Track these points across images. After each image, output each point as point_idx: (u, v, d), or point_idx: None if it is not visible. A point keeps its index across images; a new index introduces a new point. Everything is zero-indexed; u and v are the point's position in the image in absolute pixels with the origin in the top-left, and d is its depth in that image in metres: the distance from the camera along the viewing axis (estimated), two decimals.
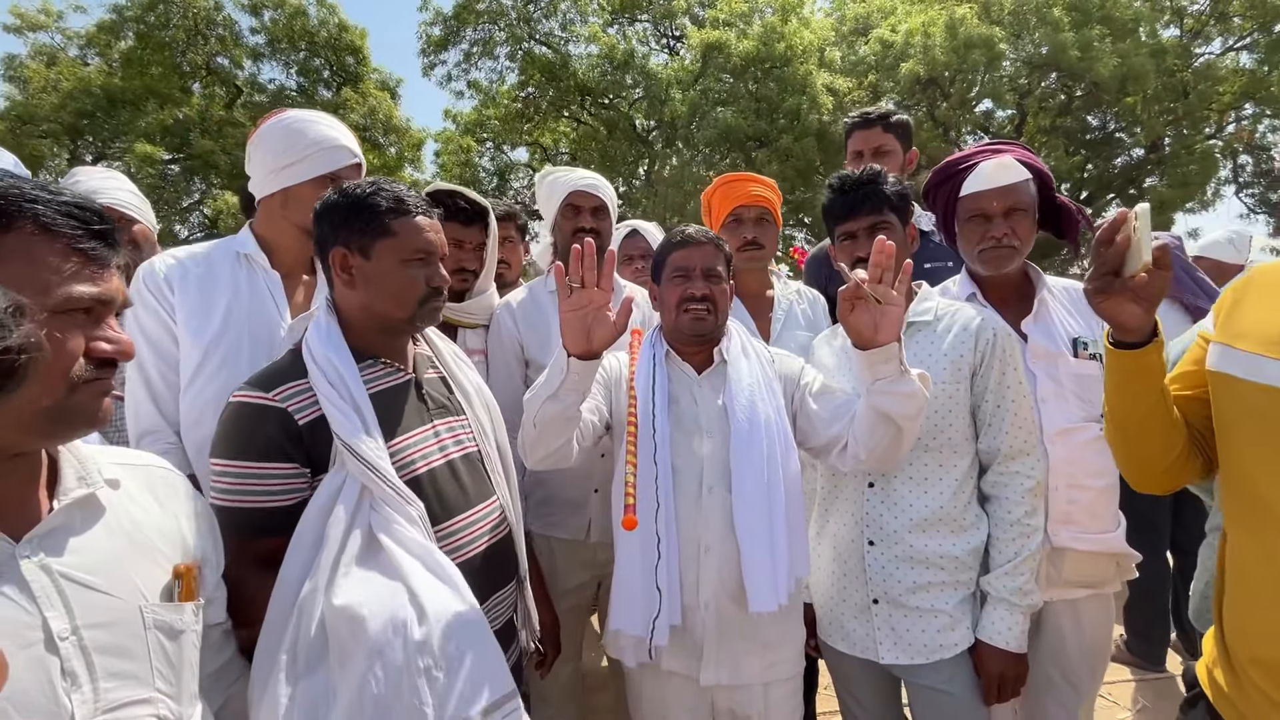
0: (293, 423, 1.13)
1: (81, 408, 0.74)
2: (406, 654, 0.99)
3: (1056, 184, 1.70)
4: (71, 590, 0.73)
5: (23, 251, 0.69)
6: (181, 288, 1.50)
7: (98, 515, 0.80)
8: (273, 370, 1.20)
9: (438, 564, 1.10)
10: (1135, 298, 0.98)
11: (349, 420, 1.13)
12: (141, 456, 0.95)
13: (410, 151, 16.70)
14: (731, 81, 13.75)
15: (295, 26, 14.78)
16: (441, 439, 1.28)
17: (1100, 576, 1.56)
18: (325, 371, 1.16)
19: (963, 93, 13.52)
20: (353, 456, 1.11)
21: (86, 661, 0.71)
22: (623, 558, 1.43)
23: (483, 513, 1.30)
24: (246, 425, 1.13)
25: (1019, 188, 1.56)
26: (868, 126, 2.36)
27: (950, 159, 1.72)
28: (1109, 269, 0.99)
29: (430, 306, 1.28)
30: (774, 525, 1.37)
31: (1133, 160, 14.88)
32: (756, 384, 1.46)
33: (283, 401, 1.14)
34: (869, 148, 2.33)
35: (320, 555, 1.06)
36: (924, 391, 1.28)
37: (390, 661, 0.98)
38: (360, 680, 0.97)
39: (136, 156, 12.85)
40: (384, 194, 1.25)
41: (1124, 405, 1.05)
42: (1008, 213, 1.56)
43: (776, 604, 1.34)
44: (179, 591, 0.84)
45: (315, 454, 1.15)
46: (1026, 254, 1.62)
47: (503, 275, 2.38)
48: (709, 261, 1.48)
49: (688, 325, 1.47)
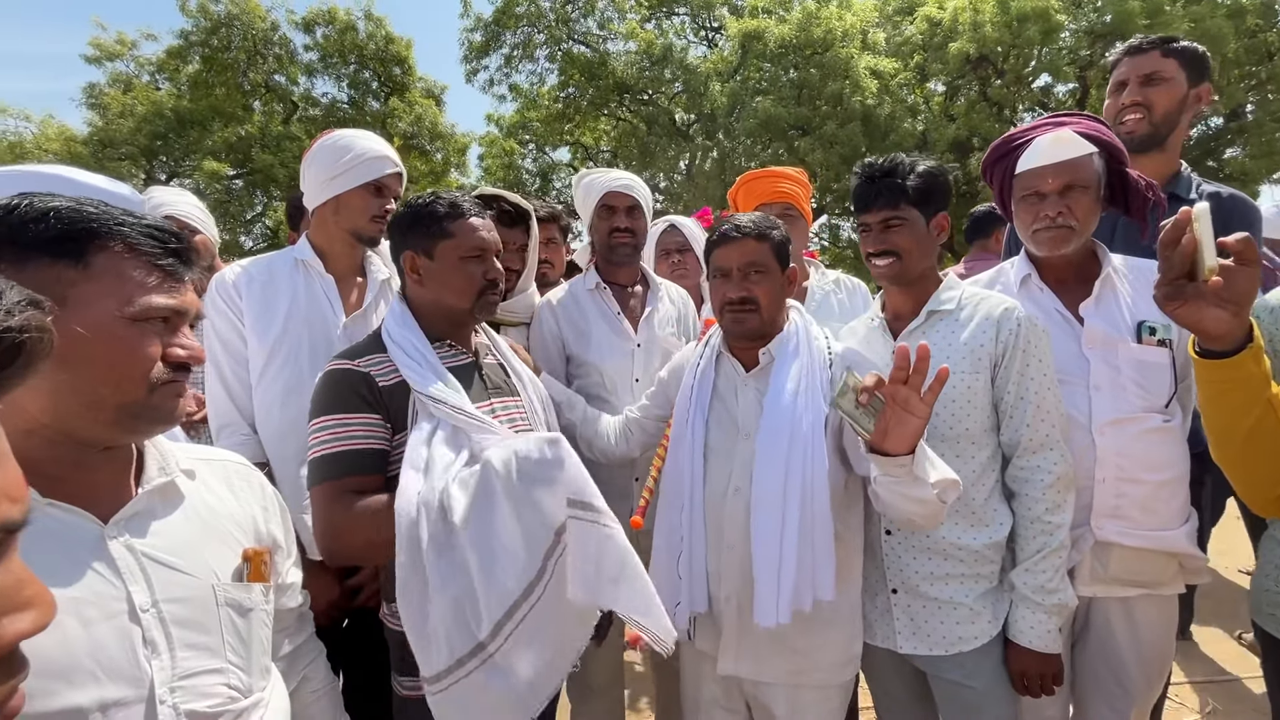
0: (375, 383, 1.28)
1: (159, 407, 0.82)
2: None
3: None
4: (152, 568, 0.81)
5: (112, 269, 0.78)
6: (248, 293, 1.67)
7: (177, 503, 0.89)
8: (355, 347, 1.37)
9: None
10: (1218, 301, 0.88)
11: (426, 377, 1.28)
12: (219, 453, 1.05)
13: (456, 157, 17.13)
14: (771, 69, 13.54)
15: (345, 41, 15.37)
16: (496, 416, 1.39)
17: (1155, 576, 1.47)
18: (403, 346, 1.33)
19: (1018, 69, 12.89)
20: (435, 403, 1.25)
21: (165, 632, 0.79)
22: (655, 543, 1.47)
23: None
24: (336, 386, 1.29)
25: (1078, 163, 1.47)
26: (1141, 52, 1.91)
27: (1008, 134, 1.64)
28: (1178, 273, 0.91)
29: (487, 298, 1.42)
30: (785, 537, 1.31)
31: (1210, 130, 13.85)
32: (799, 388, 1.39)
33: (365, 368, 1.30)
34: (1137, 74, 1.88)
35: (434, 469, 1.19)
36: (939, 500, 1.16)
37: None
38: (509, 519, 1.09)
39: (204, 174, 13.67)
40: (441, 201, 1.40)
41: (1222, 421, 0.95)
42: (1064, 190, 1.47)
43: (775, 621, 1.29)
44: (248, 573, 0.91)
45: (394, 411, 1.29)
46: (1087, 234, 1.52)
47: (545, 275, 2.43)
48: (748, 258, 1.43)
49: (730, 327, 1.47)
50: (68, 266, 0.75)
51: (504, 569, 1.08)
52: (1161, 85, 1.88)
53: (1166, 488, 1.46)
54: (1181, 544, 1.46)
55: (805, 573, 1.32)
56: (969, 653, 1.42)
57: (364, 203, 1.70)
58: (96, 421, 0.78)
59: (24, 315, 0.42)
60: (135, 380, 0.78)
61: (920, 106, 13.61)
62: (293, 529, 1.10)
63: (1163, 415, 1.46)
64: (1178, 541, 1.46)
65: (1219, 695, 2.56)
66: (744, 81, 13.51)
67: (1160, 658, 1.52)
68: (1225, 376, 0.91)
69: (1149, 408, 1.45)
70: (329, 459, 1.23)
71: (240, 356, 1.67)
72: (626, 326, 2.04)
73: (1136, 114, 1.88)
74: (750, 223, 1.46)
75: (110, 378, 0.77)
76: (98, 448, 0.81)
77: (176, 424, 0.87)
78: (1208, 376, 0.94)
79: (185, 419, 0.97)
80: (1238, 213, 1.81)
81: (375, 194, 1.71)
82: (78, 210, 0.76)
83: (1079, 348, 1.51)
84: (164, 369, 0.81)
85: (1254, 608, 1.39)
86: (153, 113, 14.25)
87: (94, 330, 0.75)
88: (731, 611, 1.43)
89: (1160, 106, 1.87)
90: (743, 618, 1.41)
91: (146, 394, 0.79)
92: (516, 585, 1.08)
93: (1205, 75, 1.91)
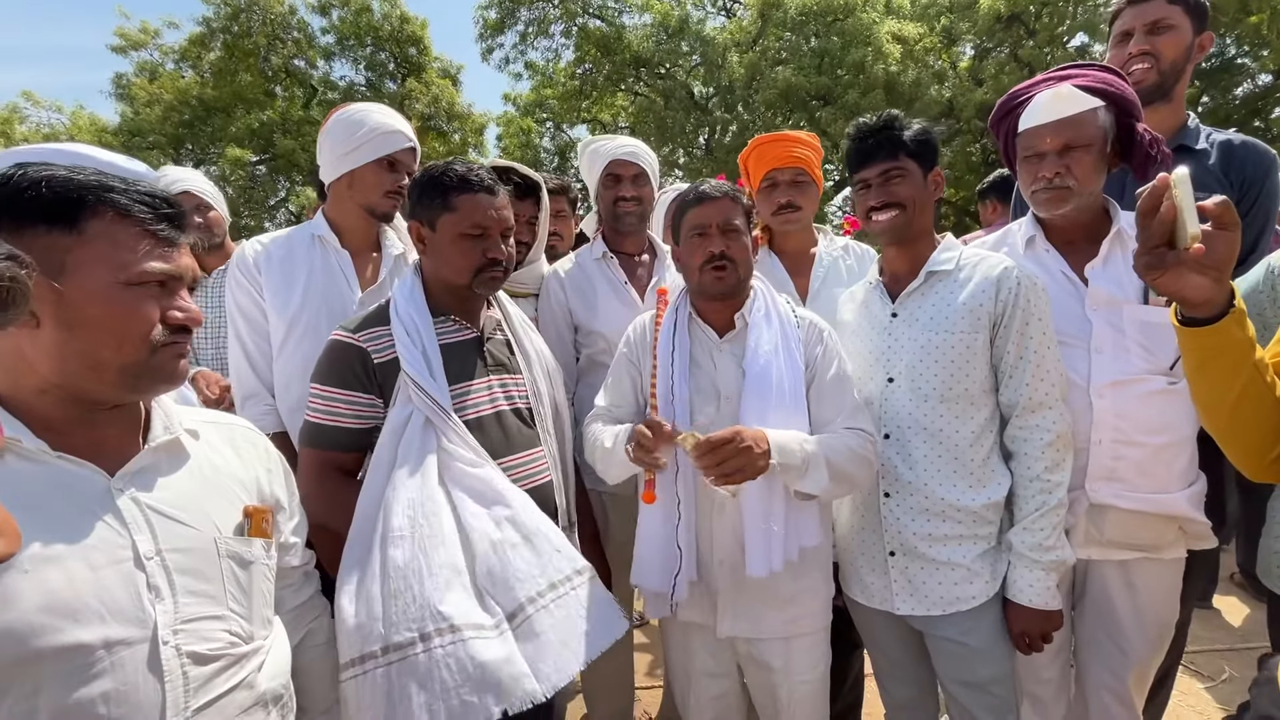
0: (370, 360, 1.34)
1: (161, 367, 0.86)
2: (498, 529, 1.26)
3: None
4: (157, 520, 0.85)
5: (105, 234, 0.81)
6: (267, 269, 1.72)
7: (182, 460, 0.94)
8: (364, 316, 1.41)
9: (494, 473, 1.32)
10: (1199, 267, 0.86)
11: (418, 363, 1.32)
12: (226, 416, 1.09)
13: (473, 137, 17.11)
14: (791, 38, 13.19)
15: (361, 23, 15.37)
16: (494, 392, 1.42)
17: (1152, 539, 1.45)
18: (404, 322, 1.36)
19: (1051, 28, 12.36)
20: (416, 390, 1.30)
21: (169, 579, 0.84)
22: (644, 516, 1.48)
23: (524, 460, 1.42)
24: (334, 359, 1.36)
25: (1079, 119, 1.42)
26: (1144, 0, 1.84)
27: (1012, 90, 1.59)
28: (1157, 241, 0.88)
29: (486, 276, 1.42)
30: (773, 492, 1.37)
31: (1258, 88, 13.13)
32: (775, 351, 1.45)
33: (365, 341, 1.35)
34: (1143, 23, 1.84)
35: (397, 471, 1.26)
36: (819, 489, 1.35)
37: (482, 533, 1.23)
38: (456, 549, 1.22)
39: (229, 160, 13.90)
40: (451, 173, 1.40)
41: (1208, 389, 0.94)
42: (1063, 150, 1.43)
43: (768, 570, 1.36)
44: (249, 529, 0.96)
45: (387, 387, 1.35)
46: (1088, 193, 1.46)
47: (555, 247, 2.45)
48: (726, 216, 1.46)
49: (710, 284, 1.47)
50: (63, 233, 0.78)
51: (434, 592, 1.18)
52: (1168, 33, 1.81)
53: (1168, 450, 1.43)
54: (1181, 507, 1.43)
55: (793, 524, 1.39)
56: (965, 612, 1.43)
57: (377, 178, 1.71)
58: (101, 382, 0.82)
59: (3, 265, 0.44)
60: (135, 343, 0.83)
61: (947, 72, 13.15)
62: (296, 492, 1.14)
63: (1167, 377, 1.42)
64: (1177, 505, 1.43)
65: (1236, 662, 2.53)
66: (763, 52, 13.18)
67: (1159, 623, 1.50)
68: (1209, 344, 0.90)
69: (1153, 369, 1.42)
70: (314, 427, 1.36)
71: (261, 329, 1.72)
72: (633, 295, 2.05)
73: (1144, 63, 1.80)
74: (723, 187, 1.52)
75: (110, 341, 0.81)
76: (105, 406, 0.86)
77: (180, 384, 0.91)
78: (1191, 344, 0.92)
79: (214, 405, 1.02)
80: (1251, 160, 1.74)
81: (389, 169, 1.72)
82: (70, 178, 0.80)
83: (1082, 309, 1.48)
84: (164, 331, 0.85)
85: (1262, 569, 1.37)
86: (179, 100, 14.50)
87: (92, 295, 0.79)
88: (725, 574, 1.45)
89: (1168, 55, 1.80)
90: (735, 576, 1.44)
91: (148, 355, 0.84)
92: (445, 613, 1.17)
93: (1206, 22, 1.85)
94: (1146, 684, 1.58)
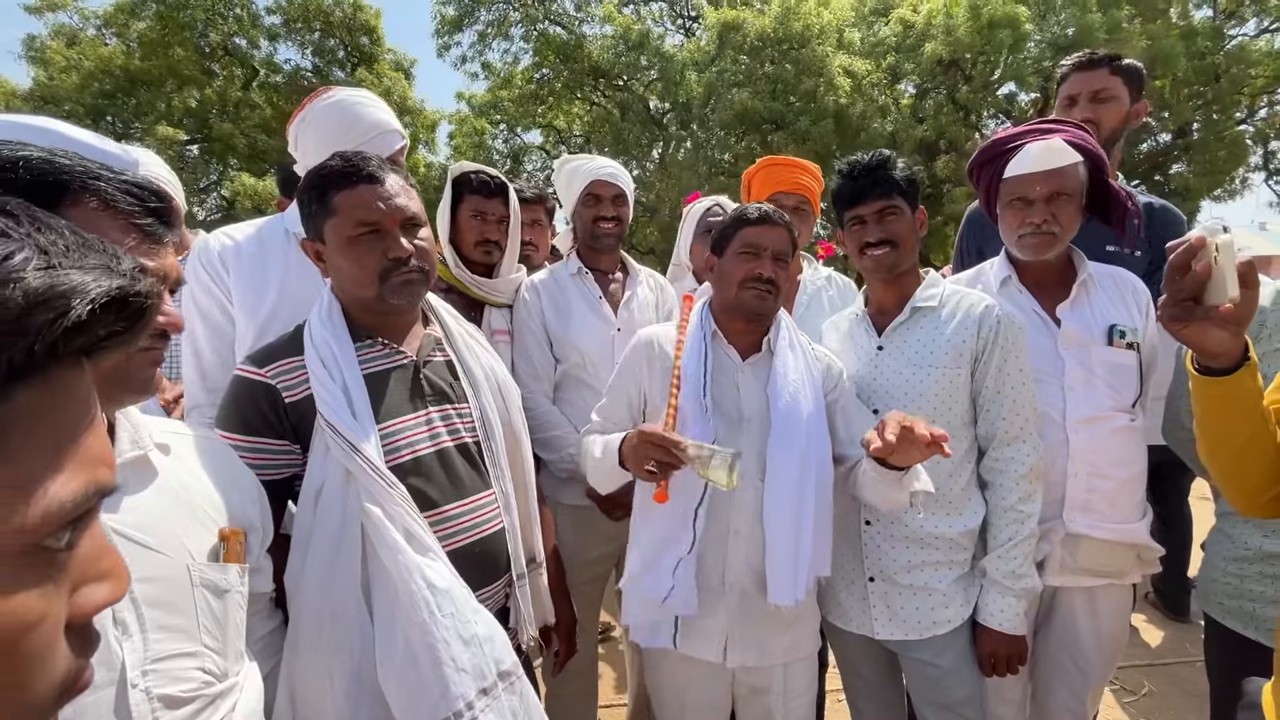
0: (280, 399, 1.13)
1: (135, 375, 0.78)
2: (430, 621, 1.05)
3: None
4: (124, 546, 0.75)
5: (86, 226, 0.71)
6: (236, 267, 1.52)
7: (150, 478, 0.83)
8: (273, 346, 1.20)
9: (424, 547, 1.09)
10: (1221, 322, 0.90)
11: (335, 401, 1.11)
12: (191, 427, 0.99)
13: (425, 133, 16.68)
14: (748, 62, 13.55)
15: (310, 6, 14.74)
16: (434, 427, 1.21)
17: (1119, 567, 1.55)
18: (319, 350, 1.15)
19: (985, 75, 13.22)
20: (335, 437, 1.08)
21: (137, 614, 0.75)
22: (647, 538, 1.44)
23: (471, 506, 1.22)
24: (238, 399, 1.14)
25: (1065, 172, 1.52)
26: (1091, 68, 2.04)
27: (998, 137, 1.67)
28: (1185, 296, 0.91)
29: (396, 281, 1.17)
30: (801, 523, 1.36)
31: (1159, 145, 14.52)
32: (801, 380, 1.44)
33: (274, 378, 1.14)
34: (1087, 90, 2.03)
35: (312, 548, 1.09)
36: (908, 502, 1.35)
37: (414, 623, 1.04)
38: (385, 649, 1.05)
39: (157, 139, 12.94)
40: (327, 169, 1.17)
41: (1216, 433, 0.98)
42: (1050, 198, 1.52)
43: (794, 599, 1.35)
44: (224, 553, 0.87)
45: (303, 430, 1.13)
46: (1069, 240, 1.58)
47: (530, 258, 2.39)
48: (781, 245, 1.45)
49: (750, 303, 1.44)
50: None
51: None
52: (1110, 103, 2.04)
53: (1131, 483, 1.55)
54: (1142, 536, 1.56)
55: (818, 552, 1.40)
56: (941, 635, 1.48)
57: None
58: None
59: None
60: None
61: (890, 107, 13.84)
62: (269, 508, 1.05)
63: (1129, 414, 1.53)
64: (1139, 534, 1.55)
65: (1155, 678, 2.72)
66: (720, 73, 13.48)
67: (1115, 643, 1.61)
68: (1224, 392, 0.94)
69: (1118, 407, 1.53)
70: None
71: (223, 332, 1.52)
72: (607, 310, 2.04)
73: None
74: (784, 216, 1.50)
75: None
76: None
77: (152, 394, 0.82)
78: (1206, 392, 0.96)
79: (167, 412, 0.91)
80: (1168, 222, 1.99)
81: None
82: (49, 160, 0.71)
83: (1055, 347, 1.56)
84: None
85: (1201, 596, 1.48)
86: (100, 69, 13.44)
87: None
88: (734, 600, 1.42)
89: (1108, 124, 2.03)
90: (745, 603, 1.42)
91: (123, 360, 0.75)
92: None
93: (1142, 92, 2.09)
94: (1097, 703, 1.69)
